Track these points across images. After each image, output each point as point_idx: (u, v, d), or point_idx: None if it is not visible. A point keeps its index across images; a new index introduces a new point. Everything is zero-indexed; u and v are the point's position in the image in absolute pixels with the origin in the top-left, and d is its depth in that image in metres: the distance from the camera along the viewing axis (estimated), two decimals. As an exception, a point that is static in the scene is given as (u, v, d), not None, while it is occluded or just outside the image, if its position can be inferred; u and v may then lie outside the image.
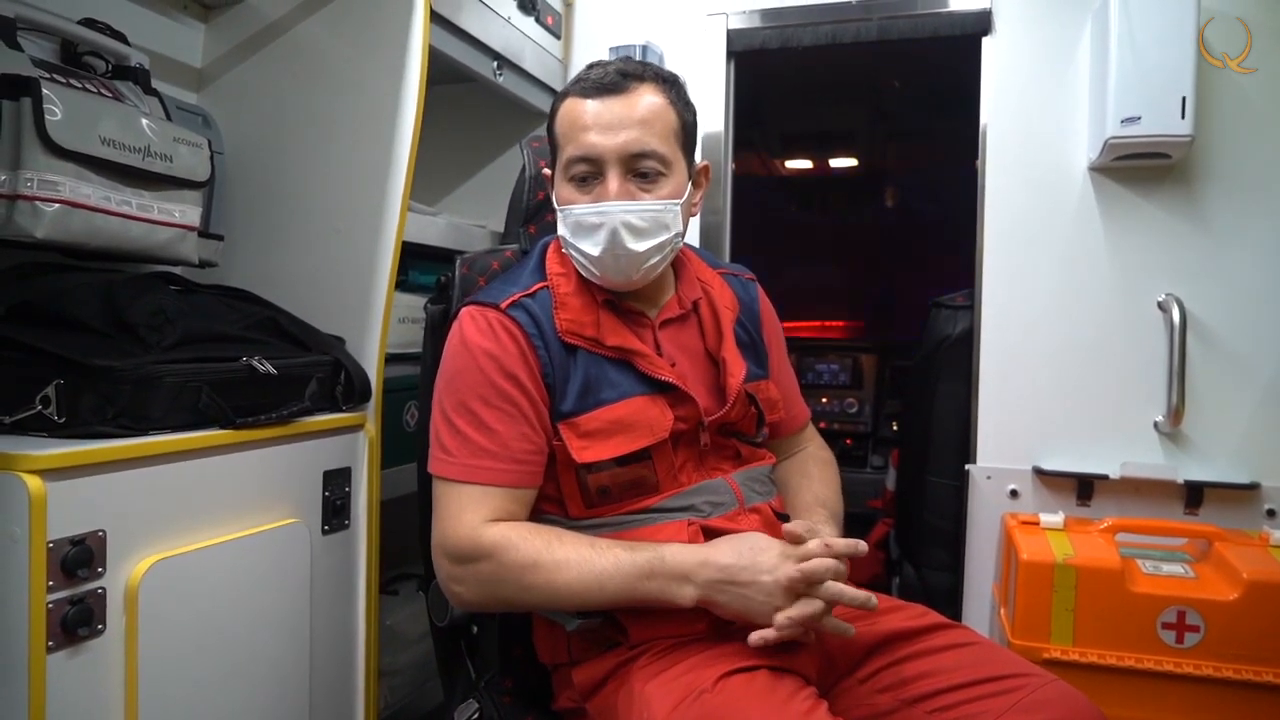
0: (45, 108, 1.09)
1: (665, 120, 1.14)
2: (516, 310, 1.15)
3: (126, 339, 1.12)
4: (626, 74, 1.14)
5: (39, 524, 0.92)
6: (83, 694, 0.98)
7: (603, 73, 1.14)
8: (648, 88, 1.14)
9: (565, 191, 1.16)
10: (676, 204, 1.15)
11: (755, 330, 1.32)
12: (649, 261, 1.14)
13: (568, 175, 1.15)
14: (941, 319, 2.15)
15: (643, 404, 1.14)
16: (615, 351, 1.16)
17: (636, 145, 1.12)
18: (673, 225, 1.15)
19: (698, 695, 0.98)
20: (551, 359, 1.14)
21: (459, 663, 1.30)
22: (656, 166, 1.13)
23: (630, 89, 1.13)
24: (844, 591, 1.02)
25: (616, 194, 1.11)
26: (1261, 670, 1.45)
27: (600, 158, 1.12)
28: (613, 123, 1.12)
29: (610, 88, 1.13)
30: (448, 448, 1.12)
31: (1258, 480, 1.77)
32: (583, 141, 1.12)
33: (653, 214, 1.13)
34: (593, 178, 1.14)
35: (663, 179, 1.14)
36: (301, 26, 1.57)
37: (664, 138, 1.14)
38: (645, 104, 1.13)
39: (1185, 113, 1.67)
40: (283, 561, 1.26)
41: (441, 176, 2.19)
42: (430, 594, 1.28)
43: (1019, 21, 1.91)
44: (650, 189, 1.13)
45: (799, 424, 1.40)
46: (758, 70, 2.22)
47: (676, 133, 1.16)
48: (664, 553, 1.05)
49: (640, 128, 1.12)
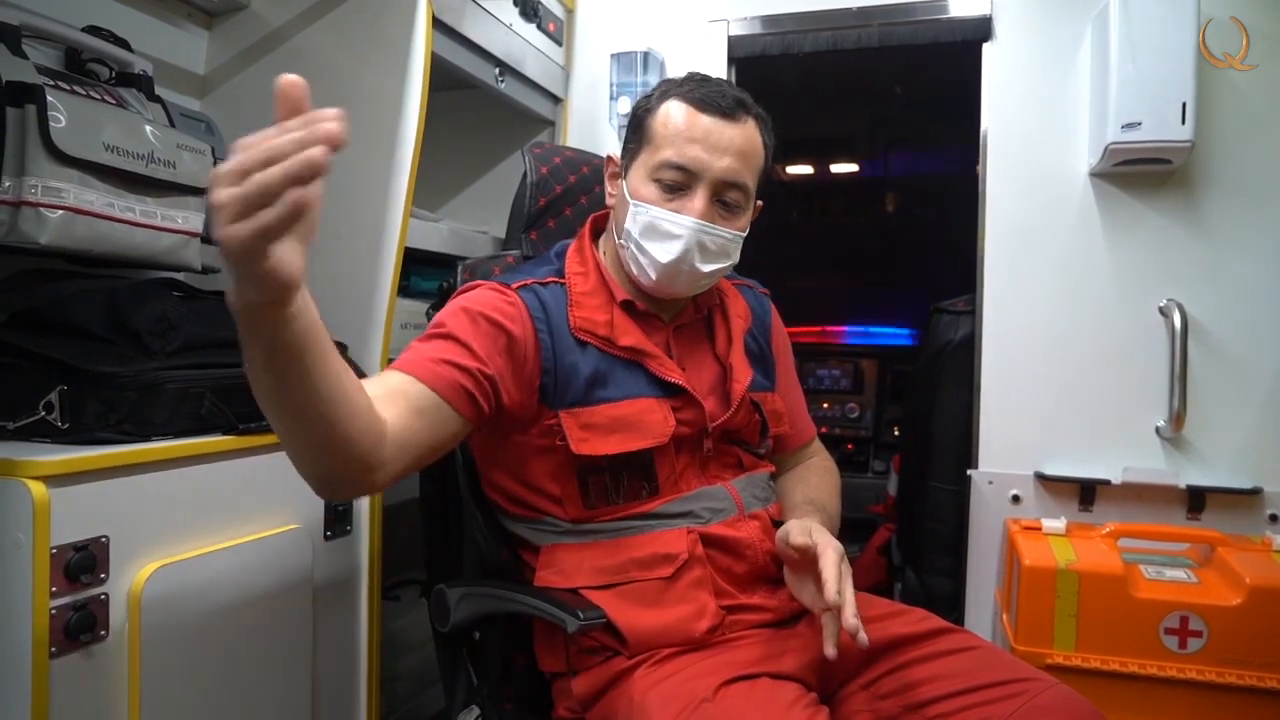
0: (50, 115, 1.10)
1: (759, 158, 1.18)
2: (526, 293, 1.15)
3: (130, 345, 1.12)
4: (743, 103, 1.16)
5: (42, 530, 0.92)
6: (86, 700, 0.98)
7: (719, 93, 1.15)
8: (754, 123, 1.17)
9: (647, 190, 1.16)
10: (742, 235, 1.19)
11: (765, 343, 1.33)
12: (703, 283, 1.19)
13: (656, 177, 1.15)
14: (943, 324, 2.16)
15: (647, 406, 1.14)
16: (627, 352, 1.16)
17: (733, 175, 1.14)
18: (734, 255, 1.19)
19: (697, 704, 0.97)
20: (554, 345, 1.14)
21: (461, 668, 1.30)
22: (740, 199, 1.16)
23: (742, 119, 1.15)
24: None
25: (701, 214, 1.13)
26: (1264, 676, 1.45)
27: (699, 173, 1.13)
28: (720, 145, 1.13)
29: (726, 111, 1.14)
30: (404, 355, 1.05)
31: (1260, 485, 1.76)
32: (687, 152, 1.13)
33: (725, 241, 1.16)
34: (680, 189, 1.14)
35: (740, 212, 1.17)
36: (304, 34, 1.57)
37: (754, 175, 1.17)
38: (750, 138, 1.16)
39: (1186, 118, 1.68)
40: (285, 567, 1.26)
41: (443, 182, 2.20)
42: (432, 600, 1.27)
43: (1019, 27, 1.91)
44: (729, 218, 1.16)
45: (804, 439, 1.39)
46: (759, 76, 2.22)
47: (761, 171, 1.19)
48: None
49: (741, 159, 1.14)
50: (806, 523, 1.09)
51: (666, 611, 1.09)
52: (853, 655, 1.12)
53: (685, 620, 1.08)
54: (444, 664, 1.34)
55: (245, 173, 0.63)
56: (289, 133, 0.65)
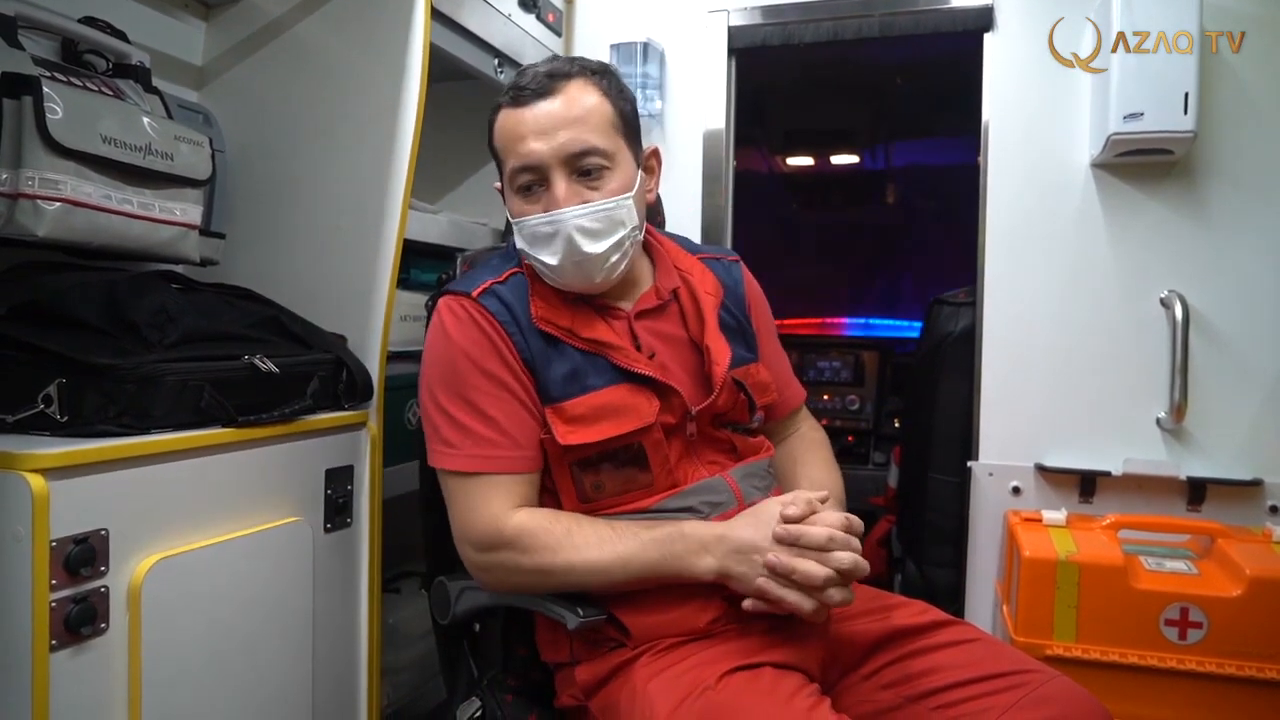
0: (46, 106, 1.09)
1: (601, 114, 1.13)
2: (487, 298, 1.15)
3: (128, 338, 1.12)
4: (554, 74, 1.13)
5: (42, 523, 0.92)
6: (86, 693, 0.98)
7: (531, 76, 1.13)
8: (577, 84, 1.13)
9: (515, 204, 1.15)
10: (628, 197, 1.14)
11: (741, 313, 1.31)
12: (609, 261, 1.13)
13: (514, 187, 1.15)
14: (943, 316, 2.15)
15: (628, 391, 1.14)
16: (591, 345, 1.15)
17: (576, 144, 1.10)
18: (628, 220, 1.14)
19: (700, 692, 0.98)
20: (529, 344, 1.14)
21: (461, 660, 1.30)
22: (600, 162, 1.12)
23: (559, 89, 1.12)
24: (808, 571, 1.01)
25: (564, 198, 1.10)
26: (1264, 666, 1.45)
27: (541, 164, 1.11)
28: (548, 126, 1.10)
29: (539, 91, 1.11)
30: (450, 440, 1.13)
31: (1260, 477, 1.76)
32: (521, 150, 1.11)
33: (604, 213, 1.12)
34: (538, 185, 1.13)
35: (608, 173, 1.13)
36: (302, 24, 1.56)
37: (602, 131, 1.12)
38: (578, 101, 1.12)
39: (1188, 108, 1.67)
40: (285, 560, 1.26)
41: (442, 174, 2.19)
42: (432, 592, 1.28)
43: (1020, 18, 1.90)
44: (597, 186, 1.12)
45: (794, 405, 1.39)
46: (759, 67, 2.22)
47: (615, 124, 1.14)
48: (683, 526, 1.08)
49: (577, 126, 1.10)
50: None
51: (669, 603, 1.09)
52: (855, 646, 1.13)
53: (688, 612, 1.08)
54: (444, 656, 1.34)
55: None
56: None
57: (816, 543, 1.02)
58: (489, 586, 1.16)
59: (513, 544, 1.09)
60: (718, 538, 1.06)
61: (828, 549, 1.02)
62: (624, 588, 1.09)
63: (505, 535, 1.09)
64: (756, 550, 1.04)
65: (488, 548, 1.11)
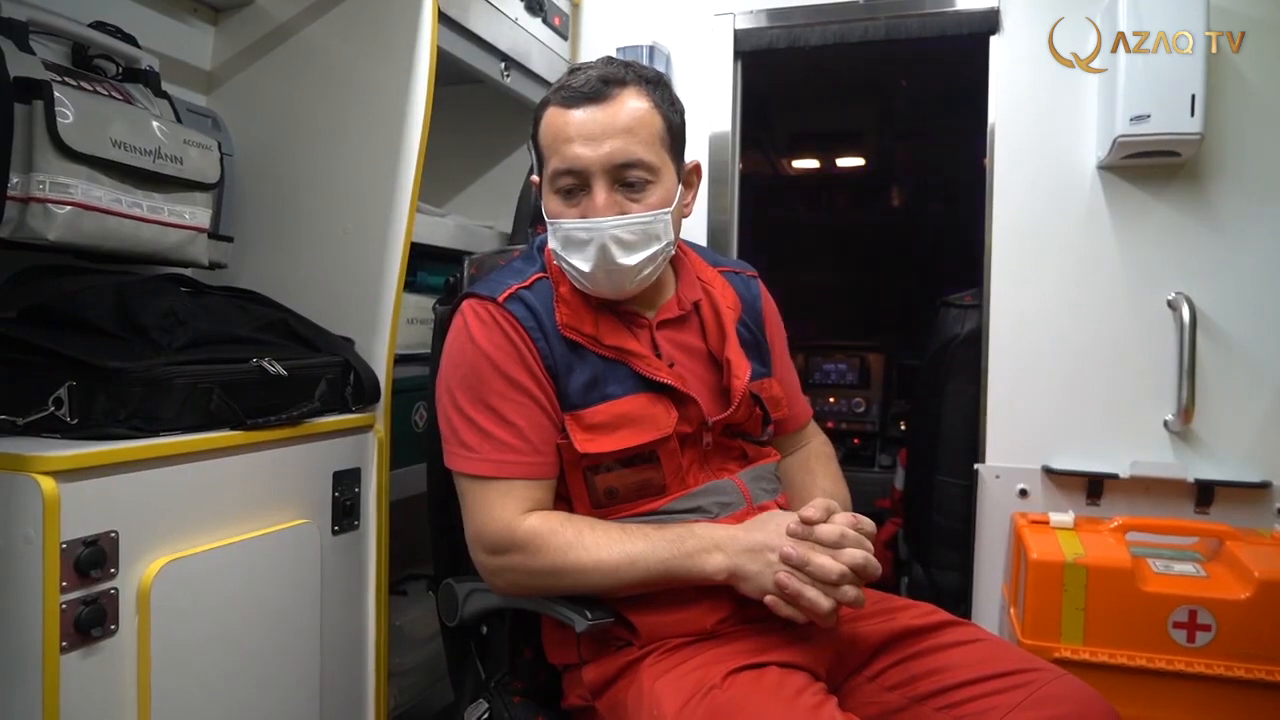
0: (57, 110, 1.10)
1: (651, 126, 1.11)
2: (514, 304, 1.15)
3: (138, 341, 1.13)
4: (608, 80, 1.10)
5: (52, 525, 0.92)
6: (96, 694, 0.98)
7: (584, 79, 1.11)
8: (631, 92, 1.11)
9: (553, 204, 1.15)
10: (666, 212, 1.12)
11: (758, 328, 1.32)
12: (641, 274, 1.13)
13: (554, 187, 1.14)
14: (950, 318, 2.15)
15: (647, 400, 1.14)
16: (613, 352, 1.16)
17: (622, 156, 1.09)
18: (663, 235, 1.13)
19: (707, 691, 0.98)
20: (553, 350, 1.14)
21: (469, 663, 1.30)
22: (644, 176, 1.10)
23: (613, 95, 1.10)
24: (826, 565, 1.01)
25: (604, 207, 1.09)
26: (1274, 670, 1.44)
27: (585, 170, 1.10)
28: (596, 133, 1.09)
29: (592, 95, 1.10)
30: (469, 443, 1.13)
31: (1269, 479, 1.76)
32: (567, 154, 1.10)
33: (641, 226, 1.11)
34: (579, 190, 1.12)
35: (650, 187, 1.11)
36: (310, 28, 1.57)
37: (650, 144, 1.11)
38: (629, 111, 1.10)
39: (1195, 110, 1.67)
40: (293, 562, 1.26)
41: (450, 177, 2.20)
42: (440, 594, 1.28)
43: (1027, 20, 1.90)
44: (638, 199, 1.11)
45: (801, 421, 1.39)
46: (765, 70, 2.22)
47: (663, 137, 1.13)
48: (694, 526, 1.09)
49: (625, 136, 1.09)
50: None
51: (678, 604, 1.09)
52: (861, 647, 1.13)
53: (696, 612, 1.09)
54: (451, 658, 1.35)
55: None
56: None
57: (829, 539, 1.03)
58: (501, 590, 1.16)
59: (524, 547, 1.09)
60: (730, 537, 1.07)
61: (840, 545, 1.02)
62: (635, 589, 1.09)
63: (517, 538, 1.09)
64: (769, 548, 1.04)
65: (500, 551, 1.11)
